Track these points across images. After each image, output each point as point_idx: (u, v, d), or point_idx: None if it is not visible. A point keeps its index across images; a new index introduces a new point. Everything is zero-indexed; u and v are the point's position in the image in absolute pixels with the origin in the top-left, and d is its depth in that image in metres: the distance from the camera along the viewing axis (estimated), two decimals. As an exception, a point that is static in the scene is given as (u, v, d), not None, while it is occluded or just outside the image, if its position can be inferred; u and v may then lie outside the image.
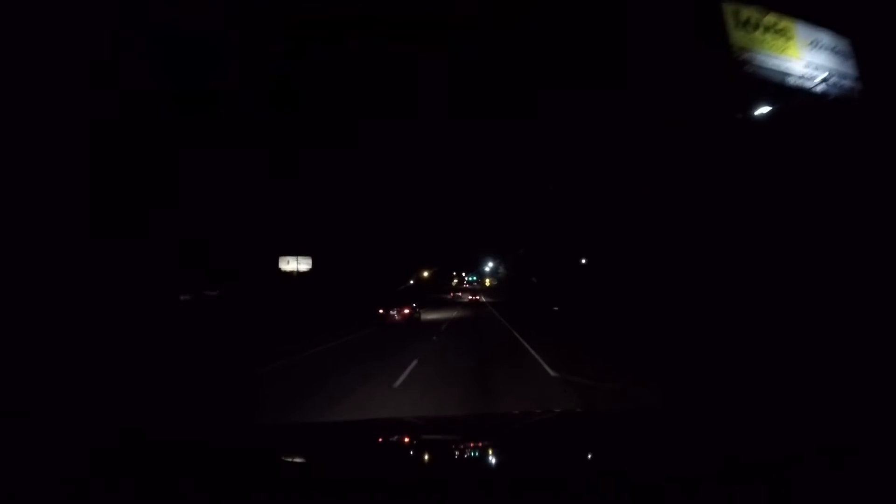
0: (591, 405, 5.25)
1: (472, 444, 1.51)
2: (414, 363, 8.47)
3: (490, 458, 1.38)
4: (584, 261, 24.71)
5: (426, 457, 1.39)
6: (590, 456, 1.31)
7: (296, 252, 27.30)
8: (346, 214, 30.41)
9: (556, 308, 23.99)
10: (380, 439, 1.56)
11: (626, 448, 1.35)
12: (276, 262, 26.95)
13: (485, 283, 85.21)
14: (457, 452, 1.44)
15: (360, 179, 32.79)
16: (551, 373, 7.27)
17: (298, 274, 27.39)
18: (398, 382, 6.86)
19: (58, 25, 13.47)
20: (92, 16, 14.75)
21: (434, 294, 54.19)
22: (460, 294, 63.13)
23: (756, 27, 5.76)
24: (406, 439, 1.60)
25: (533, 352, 9.78)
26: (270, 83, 22.64)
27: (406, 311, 19.33)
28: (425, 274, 60.23)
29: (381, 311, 19.41)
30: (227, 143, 22.10)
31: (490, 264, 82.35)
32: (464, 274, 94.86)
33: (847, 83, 6.22)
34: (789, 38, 5.94)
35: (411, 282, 50.43)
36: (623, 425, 1.71)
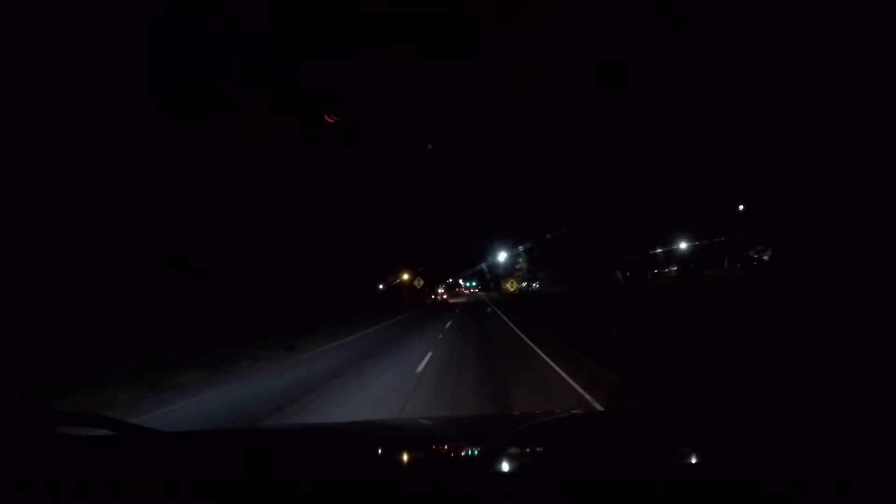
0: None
1: (472, 446, 1.50)
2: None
3: (491, 459, 1.37)
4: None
5: (427, 458, 1.38)
6: (591, 456, 1.29)
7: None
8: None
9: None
10: (381, 440, 1.57)
11: (629, 448, 1.34)
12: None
13: (507, 287, 53.43)
14: (458, 454, 1.43)
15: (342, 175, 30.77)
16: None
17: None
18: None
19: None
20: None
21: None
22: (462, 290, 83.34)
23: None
24: (407, 440, 1.61)
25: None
26: (270, 83, 22.67)
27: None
28: (405, 276, 53.91)
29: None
30: (226, 143, 21.99)
31: (503, 255, 51.55)
32: (461, 281, 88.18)
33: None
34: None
35: (381, 286, 43.72)
36: (626, 425, 1.70)
